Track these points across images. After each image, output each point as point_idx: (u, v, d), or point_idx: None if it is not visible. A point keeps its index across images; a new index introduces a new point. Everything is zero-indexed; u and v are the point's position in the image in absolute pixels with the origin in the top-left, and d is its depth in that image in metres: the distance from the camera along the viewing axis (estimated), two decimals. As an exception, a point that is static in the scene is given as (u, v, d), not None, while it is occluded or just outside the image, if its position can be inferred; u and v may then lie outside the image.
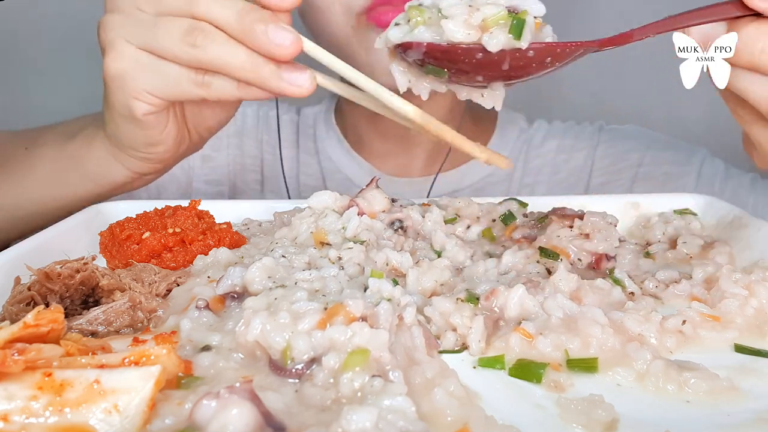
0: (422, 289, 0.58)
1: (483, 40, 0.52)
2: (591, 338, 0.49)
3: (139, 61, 0.64)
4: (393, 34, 0.56)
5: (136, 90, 0.65)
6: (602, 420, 0.41)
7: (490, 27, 0.52)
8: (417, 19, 0.54)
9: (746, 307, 0.54)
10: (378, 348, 0.42)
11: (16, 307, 0.53)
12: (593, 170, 1.15)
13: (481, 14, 0.52)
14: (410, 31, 0.55)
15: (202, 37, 0.60)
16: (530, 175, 1.16)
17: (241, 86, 0.64)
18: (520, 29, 0.52)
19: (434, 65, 0.55)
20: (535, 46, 0.53)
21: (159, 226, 0.68)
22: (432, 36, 0.54)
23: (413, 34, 0.54)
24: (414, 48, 0.55)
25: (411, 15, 0.55)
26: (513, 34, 0.52)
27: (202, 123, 0.76)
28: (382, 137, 1.15)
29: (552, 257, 0.64)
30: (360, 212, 0.67)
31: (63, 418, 0.35)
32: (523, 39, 0.52)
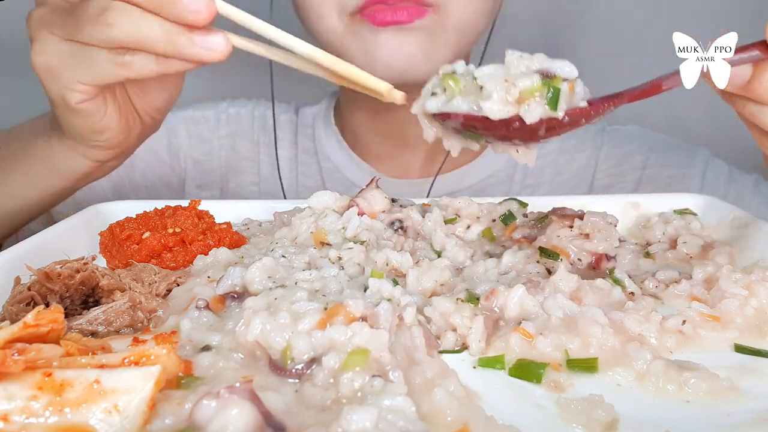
0: (422, 289, 0.58)
1: (520, 113, 0.53)
2: (591, 338, 0.49)
3: (62, 51, 0.64)
4: (430, 105, 0.56)
5: (65, 80, 0.66)
6: (602, 420, 0.41)
7: (526, 99, 0.53)
8: (453, 89, 0.55)
9: (746, 307, 0.54)
10: (378, 348, 0.42)
11: (16, 307, 0.53)
12: (597, 172, 1.14)
13: (516, 89, 0.53)
14: (447, 101, 0.55)
15: (114, 15, 0.60)
16: (531, 176, 1.15)
17: (160, 60, 0.63)
18: (556, 100, 0.53)
19: (472, 132, 0.56)
20: (570, 113, 0.54)
21: (159, 226, 0.68)
22: (469, 106, 0.54)
23: (450, 105, 0.55)
24: (452, 118, 0.55)
25: (446, 85, 0.55)
26: (549, 106, 0.53)
27: (149, 103, 0.76)
28: (381, 138, 1.14)
29: (552, 257, 0.64)
30: (360, 212, 0.67)
31: (63, 418, 0.35)
32: (559, 109, 0.53)
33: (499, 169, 1.14)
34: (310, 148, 1.21)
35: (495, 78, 0.53)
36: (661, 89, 0.54)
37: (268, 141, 1.22)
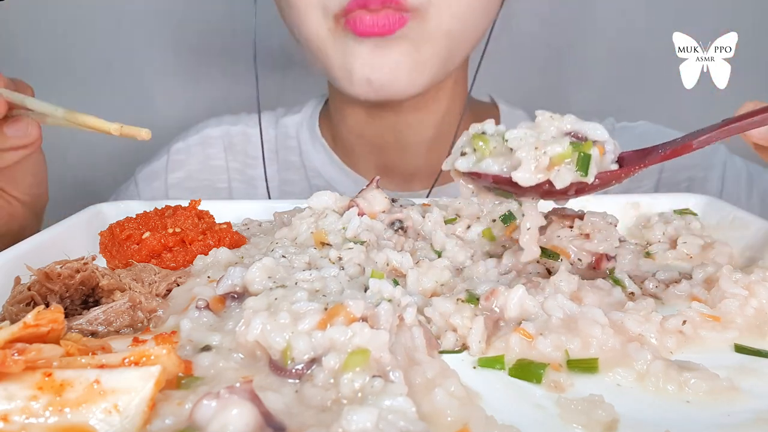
0: (422, 289, 0.58)
1: (551, 178, 0.53)
2: (591, 338, 0.49)
3: None
4: (461, 164, 0.57)
5: None
6: (602, 420, 0.41)
7: (557, 164, 0.53)
8: (483, 150, 0.56)
9: (746, 307, 0.54)
10: (378, 348, 0.42)
11: (16, 307, 0.53)
12: None
13: (547, 156, 0.53)
14: (477, 162, 0.56)
15: None
16: None
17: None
18: (587, 166, 0.53)
19: (502, 190, 0.57)
20: (601, 176, 0.54)
21: (159, 226, 0.68)
22: (500, 168, 0.55)
23: (480, 166, 0.56)
24: (482, 178, 0.56)
25: (476, 146, 0.56)
26: (580, 171, 0.53)
27: (19, 187, 0.80)
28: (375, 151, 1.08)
29: (552, 257, 0.64)
30: (360, 212, 0.67)
31: (63, 418, 0.35)
32: (590, 174, 0.53)
33: None
34: (296, 162, 1.14)
35: (526, 142, 0.54)
36: (692, 148, 0.55)
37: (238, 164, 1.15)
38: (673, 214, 0.78)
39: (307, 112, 1.18)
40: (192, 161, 1.17)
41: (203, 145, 1.18)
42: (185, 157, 1.17)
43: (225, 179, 1.16)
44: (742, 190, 1.04)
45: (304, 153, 1.14)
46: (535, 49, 1.52)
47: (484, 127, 0.58)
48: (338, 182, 1.10)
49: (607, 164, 0.55)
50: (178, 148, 1.18)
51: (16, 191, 0.80)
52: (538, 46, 1.52)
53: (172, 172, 1.17)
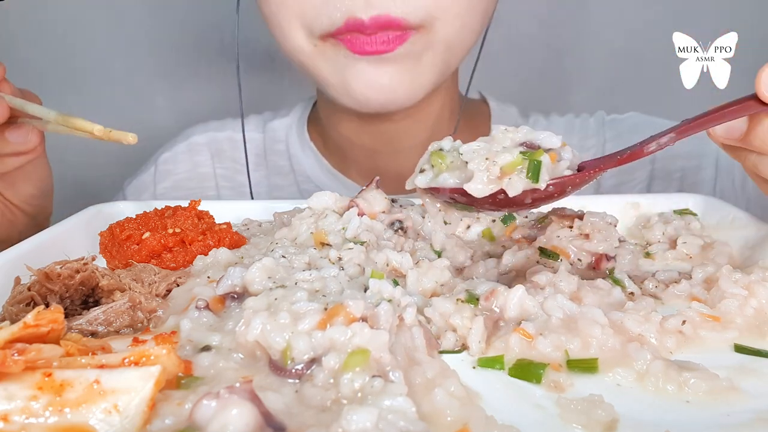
0: (422, 289, 0.58)
1: (504, 186, 0.54)
2: (591, 338, 0.49)
3: None
4: (419, 181, 0.59)
5: None
6: (602, 420, 0.41)
7: (508, 173, 0.54)
8: (440, 165, 0.58)
9: (746, 308, 0.54)
10: (378, 348, 0.42)
11: (16, 307, 0.53)
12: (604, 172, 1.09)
13: (497, 166, 0.54)
14: (434, 177, 0.58)
15: None
16: None
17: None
18: (537, 173, 0.54)
19: (462, 203, 0.58)
20: (554, 182, 0.55)
21: (159, 226, 0.68)
22: (455, 181, 0.57)
23: (437, 180, 0.58)
24: (440, 192, 0.58)
25: (434, 162, 0.59)
26: (531, 179, 0.54)
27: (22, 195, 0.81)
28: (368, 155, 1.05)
29: (552, 257, 0.64)
30: (360, 213, 0.67)
31: (63, 418, 0.35)
32: (541, 180, 0.54)
33: None
34: (285, 166, 1.11)
35: (478, 155, 0.55)
36: (644, 153, 0.56)
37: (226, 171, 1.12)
38: (672, 214, 0.78)
39: (295, 116, 1.15)
40: (179, 169, 1.15)
41: (190, 152, 1.16)
42: (172, 166, 1.15)
43: (213, 186, 1.15)
44: (737, 176, 1.02)
45: (293, 157, 1.11)
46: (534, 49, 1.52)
47: (441, 144, 0.59)
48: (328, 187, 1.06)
49: (561, 171, 0.56)
50: (165, 158, 1.16)
51: (17, 199, 0.80)
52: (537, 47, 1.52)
53: (160, 182, 1.15)
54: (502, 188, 0.54)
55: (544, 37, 1.52)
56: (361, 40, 0.81)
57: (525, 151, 0.55)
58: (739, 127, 0.53)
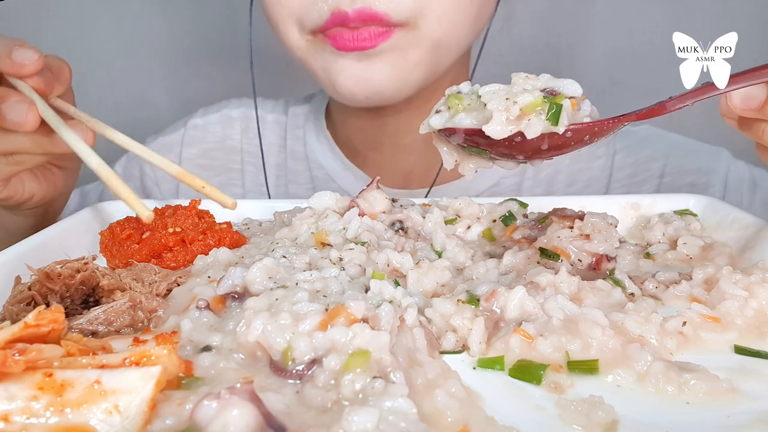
0: (423, 290, 0.58)
1: (522, 127, 0.53)
2: (591, 339, 0.49)
3: None
4: (434, 121, 0.58)
5: None
6: (602, 421, 0.41)
7: (527, 114, 0.53)
8: (457, 106, 0.56)
9: (746, 309, 0.54)
10: (379, 350, 0.42)
11: (17, 307, 0.53)
12: (612, 181, 1.07)
13: (517, 106, 0.53)
14: (450, 117, 0.57)
15: None
16: (541, 185, 1.08)
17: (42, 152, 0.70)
18: (557, 115, 0.53)
19: (476, 147, 0.57)
20: (573, 128, 0.54)
21: (159, 225, 0.68)
22: (471, 121, 0.56)
23: (453, 121, 0.56)
24: (456, 133, 0.57)
25: (451, 103, 0.57)
26: (550, 121, 0.53)
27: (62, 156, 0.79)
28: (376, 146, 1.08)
29: (552, 258, 0.64)
30: (361, 213, 0.67)
31: (64, 419, 0.35)
32: (560, 124, 0.53)
33: (505, 176, 1.07)
34: (300, 152, 1.15)
35: (497, 96, 0.54)
36: (668, 110, 0.54)
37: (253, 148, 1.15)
38: (673, 214, 0.78)
39: (314, 104, 1.18)
40: (209, 139, 1.18)
41: (222, 124, 1.18)
42: (202, 134, 1.18)
43: (238, 161, 1.17)
44: (745, 195, 1.02)
45: (308, 144, 1.14)
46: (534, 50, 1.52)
47: (459, 87, 0.58)
48: (339, 175, 1.10)
49: (580, 119, 0.55)
50: (195, 124, 1.19)
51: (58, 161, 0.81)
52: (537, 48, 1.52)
53: (188, 147, 1.17)
54: (519, 131, 0.53)
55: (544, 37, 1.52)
56: (345, 36, 0.83)
57: (546, 96, 0.54)
58: (758, 95, 0.52)
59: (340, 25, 0.83)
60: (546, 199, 0.81)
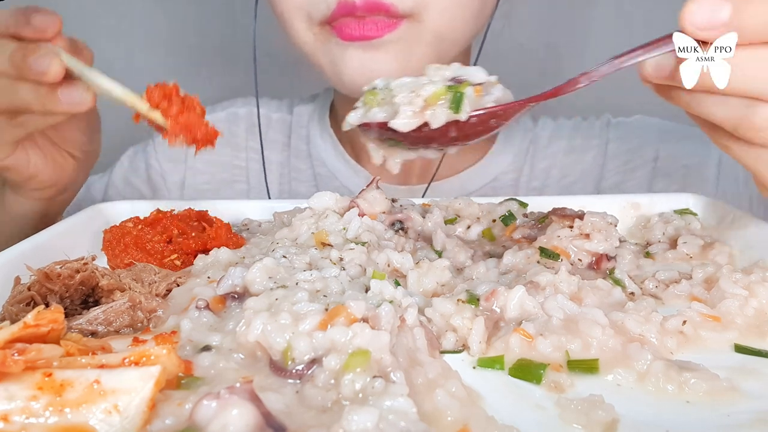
0: (423, 290, 0.58)
1: (427, 118, 0.56)
2: (591, 339, 0.49)
3: None
4: (351, 118, 0.61)
5: None
6: (602, 420, 0.41)
7: (432, 105, 0.56)
8: (371, 101, 0.60)
9: (746, 308, 0.54)
10: (379, 349, 0.42)
11: (16, 307, 0.53)
12: (605, 170, 1.08)
13: (421, 98, 0.56)
14: (365, 113, 0.60)
15: None
16: (538, 178, 1.09)
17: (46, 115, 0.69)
18: (459, 103, 0.55)
19: (392, 139, 0.59)
20: (475, 114, 0.56)
21: (160, 226, 0.68)
22: (383, 115, 0.58)
23: (367, 116, 0.59)
24: (370, 127, 0.60)
25: (366, 99, 0.60)
26: (452, 109, 0.55)
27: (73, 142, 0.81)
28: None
29: (552, 257, 0.64)
30: (361, 213, 0.67)
31: (63, 419, 0.35)
32: (462, 111, 0.55)
33: (503, 172, 1.09)
34: (304, 150, 1.16)
35: (405, 88, 0.57)
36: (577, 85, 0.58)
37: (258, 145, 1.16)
38: (673, 214, 0.78)
39: (318, 103, 1.19)
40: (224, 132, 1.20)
41: (229, 122, 1.20)
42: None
43: (243, 158, 1.18)
44: (740, 175, 1.02)
45: (312, 142, 1.15)
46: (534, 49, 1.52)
47: (375, 83, 0.61)
48: (341, 172, 1.11)
49: (485, 103, 0.57)
50: None
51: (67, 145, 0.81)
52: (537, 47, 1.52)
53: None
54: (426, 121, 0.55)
55: (545, 37, 1.52)
56: (351, 25, 0.84)
57: (450, 85, 0.56)
58: (668, 64, 0.53)
59: (347, 15, 0.84)
60: (546, 198, 0.82)
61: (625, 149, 1.09)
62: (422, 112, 0.56)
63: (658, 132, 1.09)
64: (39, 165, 0.78)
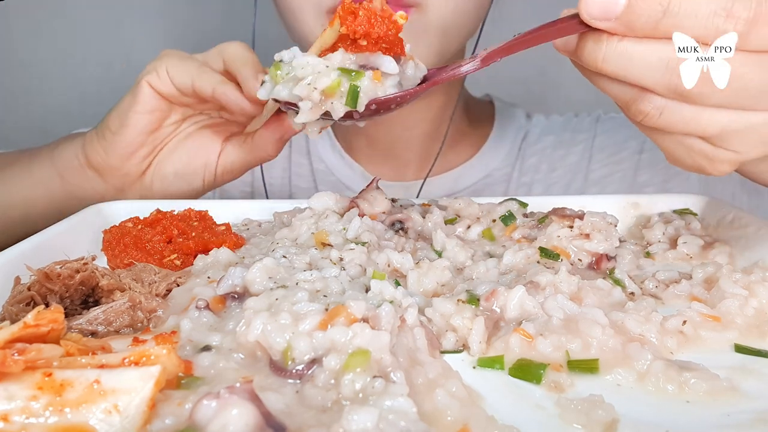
0: (423, 290, 0.58)
1: (327, 108, 0.59)
2: (591, 339, 0.49)
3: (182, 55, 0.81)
4: (260, 93, 0.65)
5: (159, 67, 0.79)
6: (602, 420, 0.40)
7: (330, 96, 0.58)
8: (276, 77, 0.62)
9: (746, 308, 0.54)
10: (379, 349, 0.42)
11: (16, 307, 0.53)
12: (591, 163, 1.11)
13: (317, 91, 0.58)
14: (272, 88, 0.62)
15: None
16: (527, 173, 1.13)
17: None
18: (355, 98, 0.58)
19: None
20: (375, 101, 0.59)
21: (160, 226, 0.68)
22: (287, 93, 0.60)
23: (274, 92, 0.62)
24: (281, 104, 0.62)
25: (271, 74, 0.62)
26: (348, 105, 0.58)
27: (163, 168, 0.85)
28: (372, 143, 1.13)
29: (552, 257, 0.64)
30: (361, 213, 0.67)
31: (63, 418, 0.35)
32: (359, 105, 0.58)
33: (496, 168, 1.12)
34: (304, 146, 1.19)
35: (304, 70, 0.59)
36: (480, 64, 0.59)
37: None
38: (672, 214, 0.78)
39: None
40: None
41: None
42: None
43: None
44: None
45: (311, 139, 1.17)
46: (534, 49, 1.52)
47: (282, 54, 0.62)
48: (338, 168, 1.14)
49: (386, 89, 0.59)
50: None
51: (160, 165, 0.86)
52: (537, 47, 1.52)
53: None
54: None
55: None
56: None
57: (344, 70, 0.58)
58: (572, 42, 0.55)
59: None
60: (546, 198, 0.82)
61: (612, 142, 1.11)
62: (320, 105, 0.58)
63: None
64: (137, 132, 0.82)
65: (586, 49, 0.52)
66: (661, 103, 0.52)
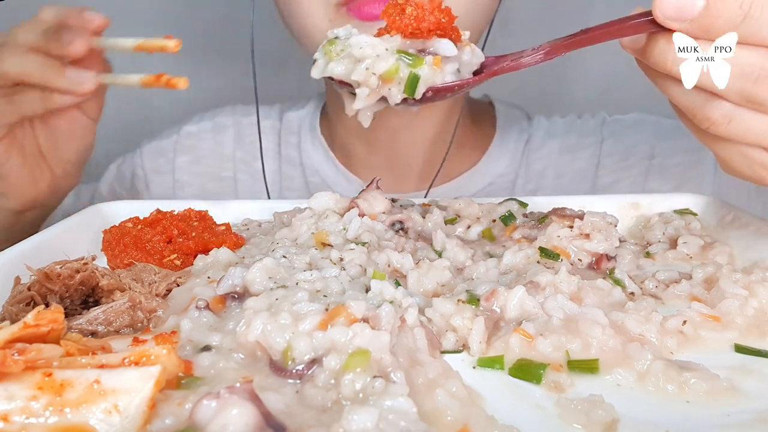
0: (423, 290, 0.58)
1: (384, 94, 0.58)
2: (591, 339, 0.49)
3: None
4: (313, 71, 0.62)
5: None
6: (602, 420, 0.41)
7: (389, 81, 0.57)
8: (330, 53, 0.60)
9: (746, 308, 0.54)
10: (379, 349, 0.42)
11: (16, 307, 0.53)
12: (600, 169, 1.07)
13: (375, 77, 0.57)
14: (325, 65, 0.60)
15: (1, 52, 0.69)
16: (532, 180, 1.08)
17: (44, 97, 0.70)
18: (414, 87, 0.57)
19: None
20: (432, 89, 0.58)
21: (160, 226, 0.68)
22: (342, 69, 0.59)
23: (328, 69, 0.60)
24: (334, 81, 0.61)
25: (326, 50, 0.61)
26: (407, 93, 0.57)
27: (60, 154, 0.80)
28: (372, 150, 1.07)
29: (552, 257, 0.64)
30: (361, 213, 0.67)
31: (63, 418, 0.35)
32: (417, 93, 0.57)
33: (500, 174, 1.08)
34: (295, 158, 1.14)
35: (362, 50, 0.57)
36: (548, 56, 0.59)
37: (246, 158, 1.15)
38: (672, 214, 0.78)
39: (309, 109, 1.17)
40: (202, 146, 1.18)
41: (214, 131, 1.18)
42: (195, 141, 1.18)
43: (231, 168, 1.16)
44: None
45: (303, 150, 1.14)
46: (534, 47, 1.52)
47: (335, 31, 0.61)
48: (333, 181, 1.10)
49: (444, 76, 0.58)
50: (189, 132, 1.19)
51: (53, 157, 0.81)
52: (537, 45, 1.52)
53: (181, 155, 1.18)
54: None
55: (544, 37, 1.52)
56: (371, 4, 0.83)
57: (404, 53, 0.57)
58: (641, 41, 0.54)
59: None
60: (546, 198, 0.81)
61: (622, 147, 1.07)
62: (378, 91, 0.57)
63: (654, 129, 1.08)
64: (14, 168, 0.77)
65: (656, 50, 0.51)
66: (731, 110, 0.51)
